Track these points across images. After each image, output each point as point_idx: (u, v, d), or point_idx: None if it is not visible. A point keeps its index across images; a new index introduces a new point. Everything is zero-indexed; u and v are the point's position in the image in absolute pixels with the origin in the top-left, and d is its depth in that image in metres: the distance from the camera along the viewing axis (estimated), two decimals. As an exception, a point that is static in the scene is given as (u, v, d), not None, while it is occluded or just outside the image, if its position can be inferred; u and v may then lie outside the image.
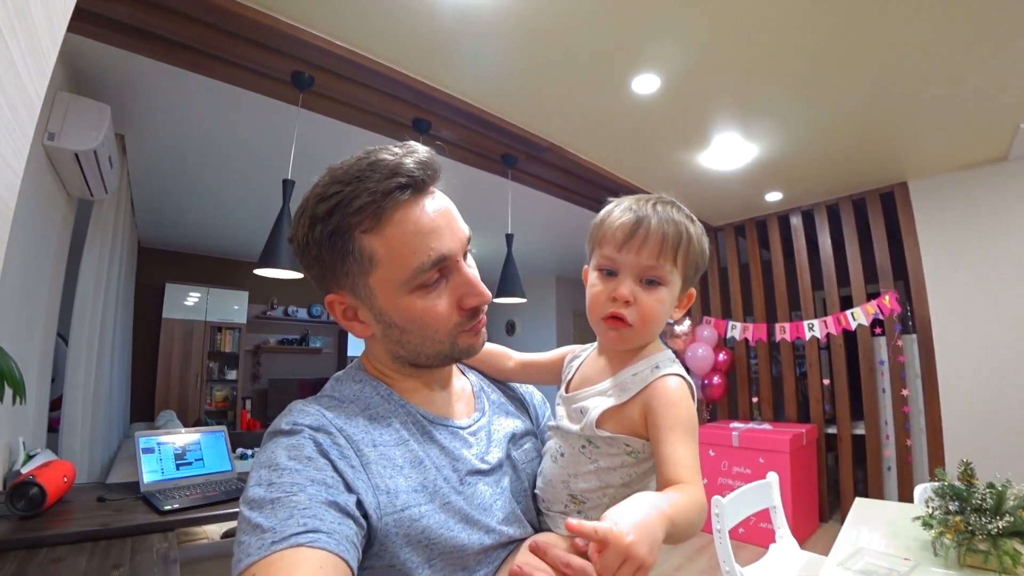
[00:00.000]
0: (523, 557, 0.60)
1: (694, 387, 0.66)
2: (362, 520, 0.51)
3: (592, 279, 0.68)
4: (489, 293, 0.65)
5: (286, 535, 0.45)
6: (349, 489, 0.52)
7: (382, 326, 0.63)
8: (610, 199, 0.70)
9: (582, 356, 0.75)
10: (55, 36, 0.79)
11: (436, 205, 0.61)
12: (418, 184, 0.59)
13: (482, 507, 0.62)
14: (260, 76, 2.10)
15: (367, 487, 0.54)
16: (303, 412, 0.58)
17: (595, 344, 0.75)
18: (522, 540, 0.65)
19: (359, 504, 0.52)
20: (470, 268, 0.65)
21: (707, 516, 0.59)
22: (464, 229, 0.64)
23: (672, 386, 0.62)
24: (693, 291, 0.70)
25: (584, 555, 0.59)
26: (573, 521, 0.48)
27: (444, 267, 0.61)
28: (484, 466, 0.65)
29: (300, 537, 0.45)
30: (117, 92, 2.29)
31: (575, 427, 0.65)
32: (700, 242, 0.67)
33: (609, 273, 0.65)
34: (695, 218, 0.67)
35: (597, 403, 0.65)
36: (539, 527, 0.69)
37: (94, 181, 2.17)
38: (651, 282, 0.64)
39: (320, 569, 0.43)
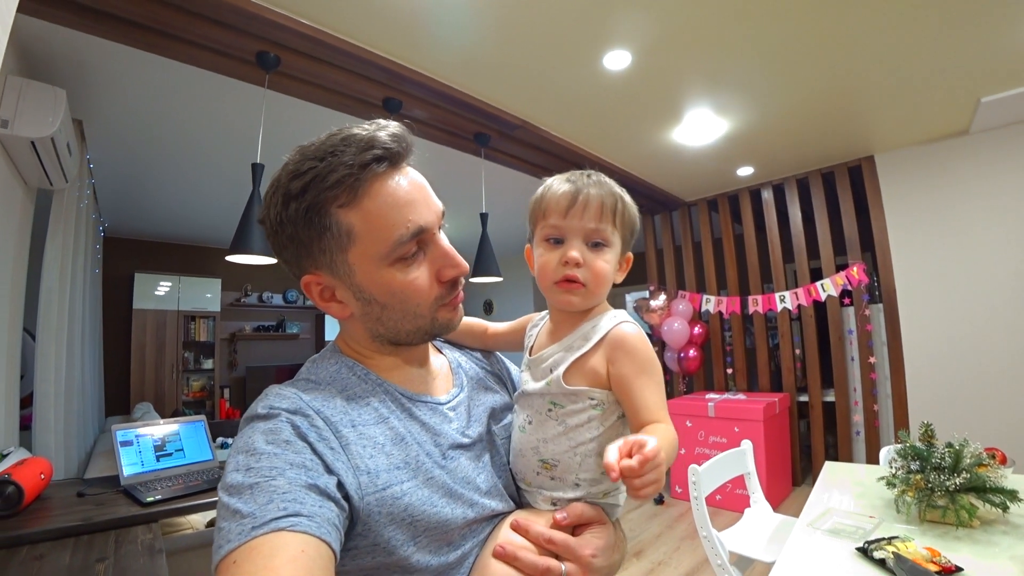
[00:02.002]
0: (505, 536, 0.61)
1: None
2: (343, 502, 0.51)
3: (540, 250, 0.70)
4: (466, 264, 0.66)
5: (266, 520, 0.44)
6: (329, 471, 0.51)
7: (361, 303, 0.62)
8: (545, 178, 0.73)
9: (540, 325, 0.78)
10: (5, 15, 0.75)
11: (411, 178, 0.62)
12: (393, 156, 0.59)
13: (465, 481, 0.62)
14: (223, 56, 2.03)
15: (347, 468, 0.53)
16: (279, 396, 0.57)
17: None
18: (505, 514, 0.65)
19: (340, 486, 0.51)
20: (445, 241, 0.65)
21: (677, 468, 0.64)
22: (438, 203, 0.65)
23: (631, 332, 0.66)
24: (631, 255, 0.73)
25: (563, 530, 0.62)
26: (616, 447, 0.51)
27: (422, 240, 0.61)
28: (465, 440, 0.65)
29: (281, 521, 0.44)
30: (72, 76, 2.19)
31: (541, 383, 0.68)
32: (632, 207, 0.71)
33: (556, 241, 0.68)
34: (623, 189, 0.72)
35: (563, 357, 0.67)
36: (520, 502, 0.69)
37: (53, 170, 2.08)
38: (596, 244, 0.67)
39: (302, 552, 0.43)
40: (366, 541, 0.53)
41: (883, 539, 1.27)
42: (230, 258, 1.95)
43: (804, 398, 3.94)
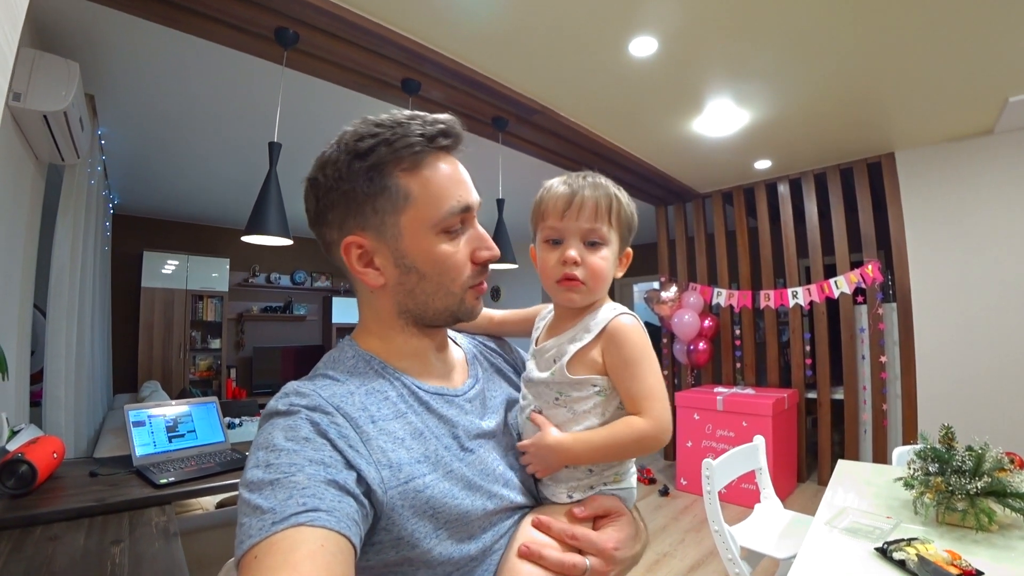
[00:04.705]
0: (528, 534, 0.62)
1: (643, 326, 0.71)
2: (363, 498, 0.51)
3: (541, 251, 0.73)
4: (498, 250, 0.68)
5: (286, 515, 0.45)
6: (349, 467, 0.52)
7: (400, 271, 0.63)
8: (544, 181, 0.75)
9: (547, 318, 0.80)
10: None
11: (460, 165, 0.67)
12: (455, 137, 0.64)
13: (484, 472, 0.63)
14: (241, 32, 1.98)
15: (369, 463, 0.53)
16: (298, 392, 0.57)
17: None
18: (523, 507, 0.66)
19: (361, 481, 0.52)
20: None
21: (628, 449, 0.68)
22: (477, 194, 0.68)
23: (624, 324, 0.68)
24: (630, 251, 0.76)
25: (583, 523, 0.65)
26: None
27: (465, 218, 0.65)
28: (482, 432, 0.66)
29: (300, 516, 0.45)
30: (86, 49, 2.15)
31: (546, 374, 0.70)
32: (629, 206, 0.74)
33: (555, 242, 0.71)
34: (621, 188, 0.74)
35: (566, 348, 0.69)
36: (538, 495, 0.70)
37: (64, 144, 2.05)
38: (593, 243, 0.70)
39: (322, 547, 0.43)
40: (390, 535, 0.54)
41: (902, 540, 1.26)
42: (245, 238, 1.92)
43: (812, 395, 3.92)
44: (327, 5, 1.86)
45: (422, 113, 0.63)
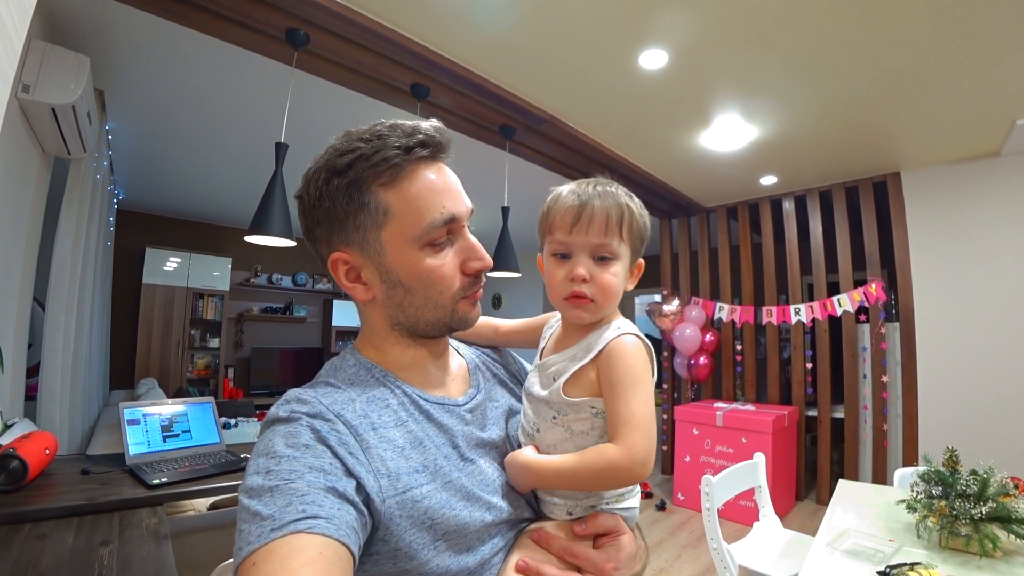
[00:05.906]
0: (528, 552, 0.61)
1: (651, 347, 0.67)
2: (362, 506, 0.51)
3: (548, 264, 0.70)
4: (490, 259, 0.67)
5: (285, 522, 0.44)
6: (348, 474, 0.51)
7: (386, 286, 0.63)
8: (552, 188, 0.72)
9: (555, 327, 0.77)
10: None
11: (448, 172, 0.65)
12: (436, 145, 0.62)
13: (483, 483, 0.62)
14: (252, 31, 1.98)
15: (368, 471, 0.53)
16: (299, 399, 0.57)
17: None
18: (523, 520, 0.65)
19: (360, 489, 0.51)
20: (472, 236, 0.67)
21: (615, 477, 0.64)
22: (469, 202, 0.66)
23: (626, 344, 0.65)
24: (642, 262, 0.72)
25: (583, 540, 0.64)
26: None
27: (452, 229, 0.63)
28: (482, 442, 0.65)
29: (299, 523, 0.44)
30: (96, 43, 2.15)
31: (545, 392, 0.67)
32: (642, 216, 0.70)
33: (563, 256, 0.68)
34: (633, 195, 0.70)
35: (566, 367, 0.67)
36: (537, 508, 0.69)
37: (72, 138, 2.05)
38: (603, 258, 0.67)
39: (320, 554, 0.43)
40: (387, 546, 0.53)
41: (905, 564, 1.24)
42: (248, 238, 1.92)
43: (813, 412, 3.89)
44: (339, 7, 1.86)
45: (403, 122, 0.62)
